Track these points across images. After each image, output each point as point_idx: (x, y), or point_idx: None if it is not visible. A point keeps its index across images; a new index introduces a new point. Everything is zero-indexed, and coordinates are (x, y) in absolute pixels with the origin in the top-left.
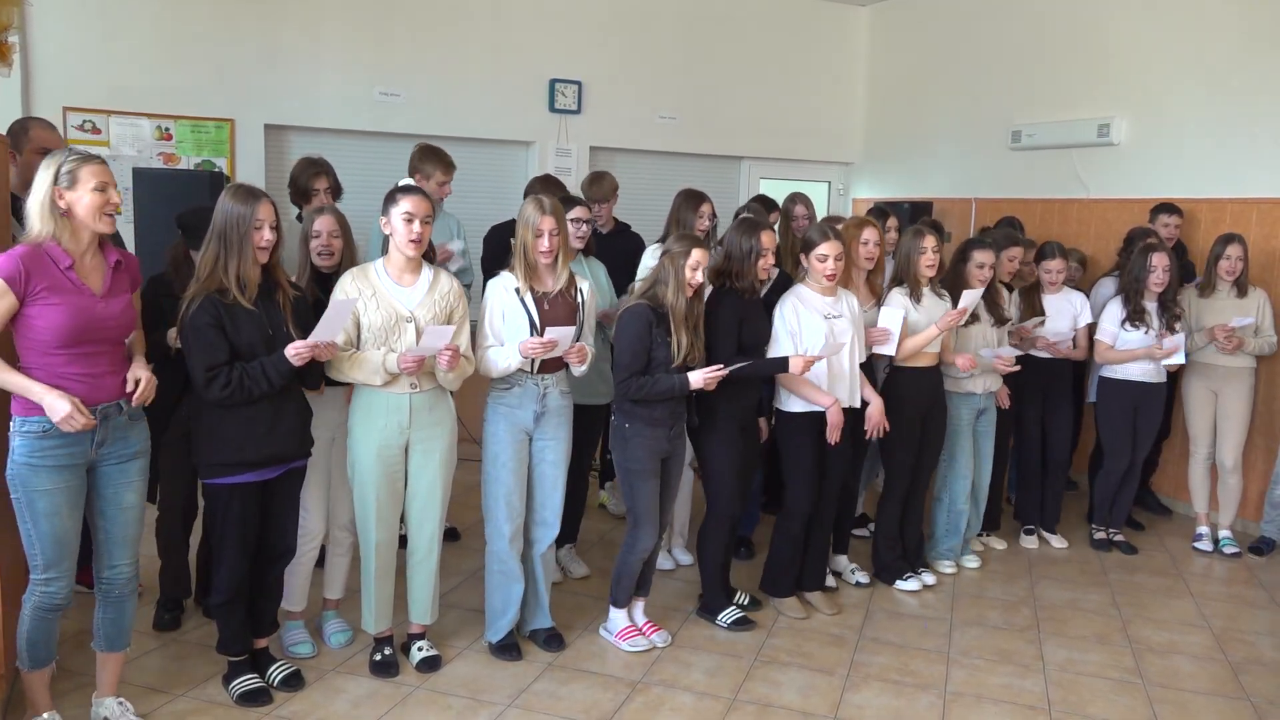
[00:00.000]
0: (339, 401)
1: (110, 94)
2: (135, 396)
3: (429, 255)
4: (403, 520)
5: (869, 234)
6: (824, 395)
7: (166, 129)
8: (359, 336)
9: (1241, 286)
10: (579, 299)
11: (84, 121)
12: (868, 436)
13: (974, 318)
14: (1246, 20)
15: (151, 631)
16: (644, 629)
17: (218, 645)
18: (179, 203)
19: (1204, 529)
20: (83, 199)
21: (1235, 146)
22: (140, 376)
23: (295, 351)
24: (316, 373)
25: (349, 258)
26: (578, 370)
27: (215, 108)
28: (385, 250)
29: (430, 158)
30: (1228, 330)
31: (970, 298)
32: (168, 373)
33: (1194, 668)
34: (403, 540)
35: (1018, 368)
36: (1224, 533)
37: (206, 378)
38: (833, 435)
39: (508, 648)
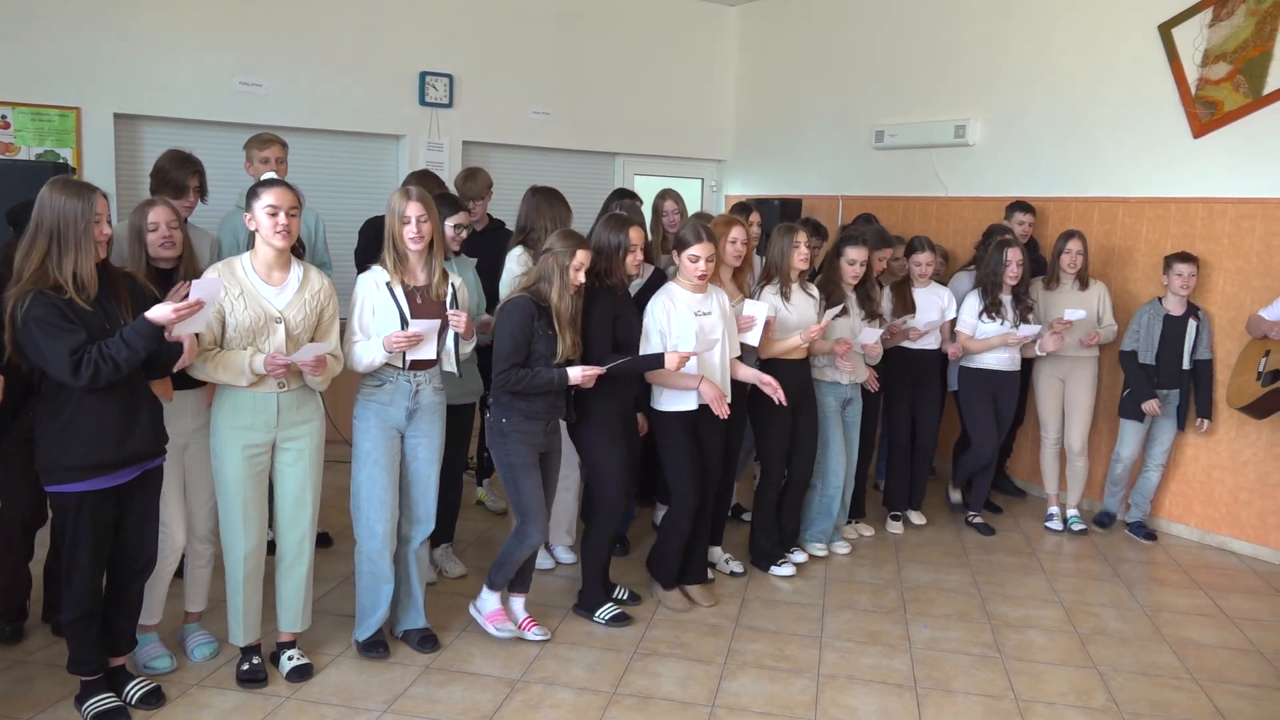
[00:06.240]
0: (193, 407)
1: None
2: None
3: (298, 250)
4: (270, 525)
5: (737, 233)
6: (690, 378)
7: (4, 117)
8: (224, 335)
9: (1083, 280)
10: (450, 293)
11: None
12: (779, 401)
13: (844, 311)
14: (1082, 28)
15: None
16: (523, 625)
17: (68, 664)
18: (18, 197)
19: (1054, 509)
20: None
21: (1077, 148)
22: None
23: (159, 313)
24: (171, 354)
25: (189, 250)
26: (466, 348)
27: (59, 95)
28: (250, 247)
29: (250, 143)
30: (1064, 323)
31: (831, 315)
32: (4, 382)
33: (1046, 640)
34: (270, 546)
35: (878, 356)
36: (1072, 511)
37: (73, 361)
38: (718, 408)
39: (375, 645)
